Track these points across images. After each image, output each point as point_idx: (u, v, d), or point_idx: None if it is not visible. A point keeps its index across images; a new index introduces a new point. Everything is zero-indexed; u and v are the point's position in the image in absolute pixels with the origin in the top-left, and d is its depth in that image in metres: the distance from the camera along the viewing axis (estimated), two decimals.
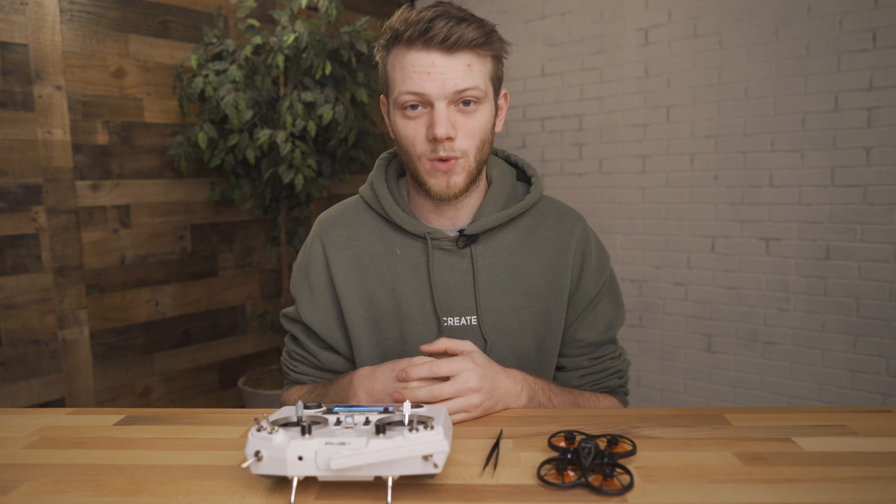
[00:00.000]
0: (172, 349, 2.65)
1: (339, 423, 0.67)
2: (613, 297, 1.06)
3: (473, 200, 0.99)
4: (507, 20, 3.14)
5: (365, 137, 2.73)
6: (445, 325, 0.97)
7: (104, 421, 0.87)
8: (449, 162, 0.90)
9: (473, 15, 0.88)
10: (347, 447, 0.60)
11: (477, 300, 0.97)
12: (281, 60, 2.34)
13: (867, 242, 2.28)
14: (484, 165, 0.95)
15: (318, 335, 1.02)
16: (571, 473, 0.65)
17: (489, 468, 0.68)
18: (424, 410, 0.70)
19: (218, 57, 2.46)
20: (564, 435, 0.74)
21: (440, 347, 0.86)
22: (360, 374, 0.91)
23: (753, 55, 2.46)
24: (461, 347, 0.86)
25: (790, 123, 2.41)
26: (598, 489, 0.62)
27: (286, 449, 0.60)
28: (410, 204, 1.02)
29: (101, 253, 2.40)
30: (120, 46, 2.40)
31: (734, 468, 0.67)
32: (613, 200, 2.89)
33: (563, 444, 0.73)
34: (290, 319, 1.06)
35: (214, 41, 2.47)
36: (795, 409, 0.85)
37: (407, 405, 0.65)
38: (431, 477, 0.66)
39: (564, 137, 3.02)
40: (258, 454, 0.61)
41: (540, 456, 0.71)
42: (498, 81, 0.94)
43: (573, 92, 2.97)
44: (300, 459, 0.60)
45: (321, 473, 0.61)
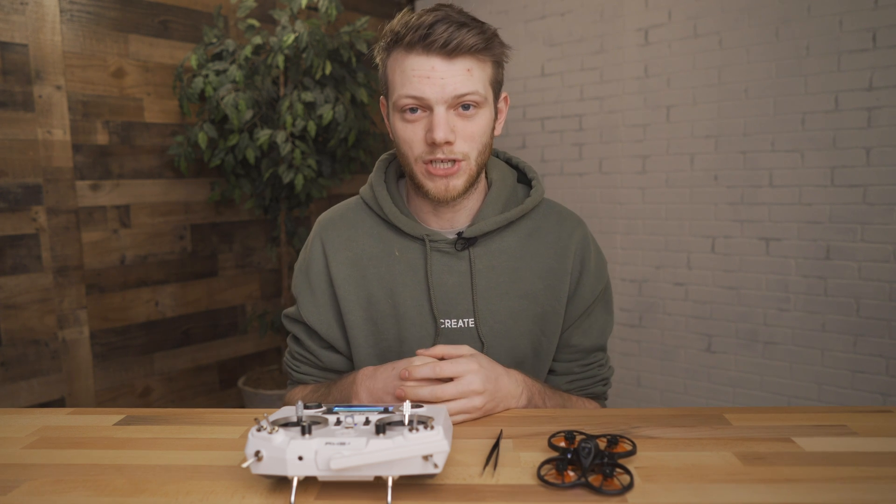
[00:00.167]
0: (172, 349, 2.65)
1: (339, 423, 0.67)
2: (606, 304, 1.07)
3: (472, 203, 0.99)
4: (507, 20, 3.14)
5: (365, 137, 2.73)
6: (443, 327, 0.97)
7: (104, 421, 0.87)
8: (450, 166, 0.90)
9: (475, 19, 0.88)
10: (347, 447, 0.60)
11: (474, 303, 0.97)
12: (281, 60, 2.34)
13: (867, 242, 2.28)
14: (483, 168, 0.96)
15: (319, 335, 1.03)
16: (571, 473, 0.65)
17: (489, 468, 0.68)
18: (424, 410, 0.70)
19: (218, 57, 2.46)
20: (564, 435, 0.74)
21: (437, 353, 0.86)
22: (362, 373, 0.92)
23: (753, 55, 2.46)
24: (459, 353, 0.86)
25: (790, 123, 2.40)
26: (598, 489, 0.62)
27: (286, 449, 0.60)
28: (409, 206, 1.02)
29: (101, 253, 2.40)
30: (120, 46, 2.40)
31: (734, 468, 0.67)
32: (613, 200, 2.89)
33: (563, 444, 0.73)
34: (291, 320, 1.06)
35: (214, 41, 2.47)
36: (795, 409, 0.85)
37: (407, 405, 0.65)
38: (431, 477, 0.66)
39: (564, 137, 3.02)
40: (258, 454, 0.61)
41: (540, 456, 0.71)
42: (498, 86, 0.94)
43: (573, 92, 2.97)
44: (300, 459, 0.60)
45: (321, 473, 0.61)
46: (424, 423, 0.63)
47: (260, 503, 0.62)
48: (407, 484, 0.65)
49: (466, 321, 0.97)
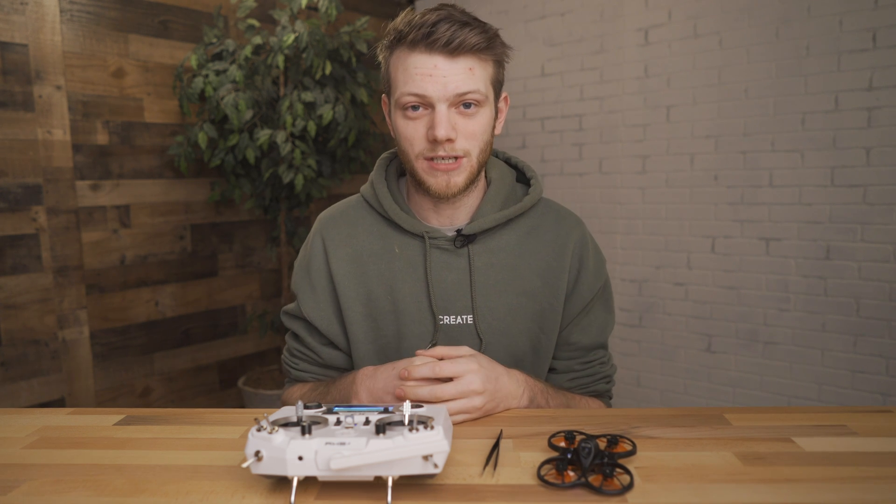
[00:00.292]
0: (172, 349, 2.65)
1: (339, 423, 0.67)
2: (606, 302, 1.07)
3: (472, 201, 1.00)
4: (507, 20, 3.14)
5: (365, 137, 2.73)
6: (442, 323, 0.97)
7: (104, 421, 0.87)
8: (451, 162, 0.91)
9: (476, 19, 0.89)
10: (347, 447, 0.60)
11: (473, 299, 0.97)
12: (281, 60, 2.34)
13: (867, 242, 2.28)
14: (483, 167, 0.97)
15: (319, 331, 1.03)
16: (571, 473, 0.65)
17: (489, 468, 0.68)
18: (424, 410, 0.70)
19: (218, 57, 2.46)
20: (564, 435, 0.74)
21: (437, 354, 0.86)
22: (362, 373, 0.92)
23: (753, 55, 2.46)
24: (459, 353, 0.86)
25: (790, 123, 2.40)
26: (598, 489, 0.62)
27: (286, 449, 0.60)
28: (410, 203, 1.03)
29: (101, 253, 2.40)
30: (120, 46, 2.40)
31: (734, 468, 0.67)
32: (613, 200, 2.89)
33: (563, 444, 0.73)
34: (291, 316, 1.06)
35: (214, 41, 2.47)
36: (795, 409, 0.85)
37: (407, 405, 0.65)
38: (431, 477, 0.66)
39: (564, 137, 3.02)
40: (258, 454, 0.61)
41: (540, 456, 0.71)
42: (499, 85, 0.95)
43: (573, 92, 2.97)
44: (300, 459, 0.60)
45: (321, 473, 0.61)
46: (424, 423, 0.63)
47: (260, 503, 0.62)
48: (407, 484, 0.65)
49: (465, 318, 0.98)
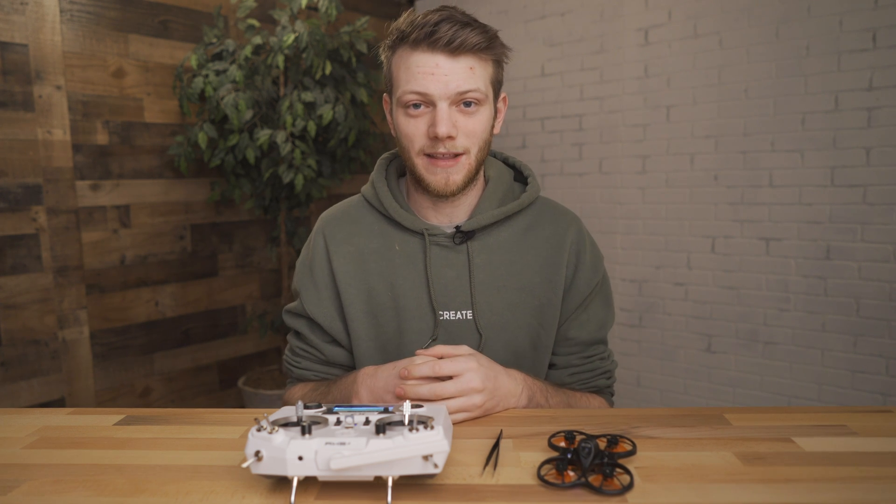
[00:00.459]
0: (172, 349, 2.65)
1: (339, 423, 0.67)
2: (605, 298, 1.08)
3: (471, 199, 1.02)
4: (507, 20, 3.14)
5: (365, 137, 2.73)
6: (442, 319, 0.99)
7: (104, 421, 0.87)
8: (449, 160, 0.93)
9: (477, 20, 0.92)
10: (347, 447, 0.60)
11: (472, 295, 0.98)
12: (281, 60, 2.34)
13: (867, 242, 2.28)
14: (482, 165, 0.99)
15: (322, 328, 1.04)
16: (571, 473, 0.65)
17: (489, 468, 0.68)
18: (424, 410, 0.70)
19: (218, 57, 2.46)
20: (564, 435, 0.74)
21: (437, 353, 0.87)
22: (363, 372, 0.92)
23: (753, 55, 2.46)
24: (458, 352, 0.87)
25: (790, 123, 2.40)
26: (598, 489, 0.62)
27: (286, 449, 0.60)
28: (409, 202, 1.04)
29: (101, 253, 2.40)
30: (120, 46, 2.40)
31: (734, 468, 0.67)
32: (613, 200, 2.89)
33: (563, 444, 0.73)
34: (293, 315, 1.07)
35: (214, 41, 2.46)
36: (795, 409, 0.85)
37: (407, 405, 0.65)
38: (431, 477, 0.65)
39: (564, 137, 3.02)
40: (258, 454, 0.61)
41: (540, 456, 0.71)
42: (498, 85, 0.97)
43: (573, 92, 2.97)
44: (300, 459, 0.60)
45: (321, 473, 0.61)
46: (424, 423, 0.63)
47: (260, 503, 0.63)
48: (407, 484, 0.65)
49: (465, 313, 0.99)
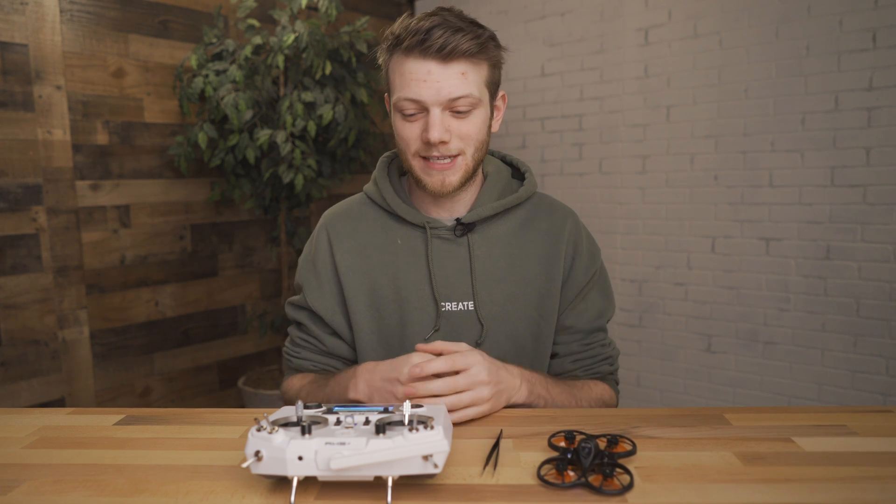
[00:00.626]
0: (172, 349, 2.65)
1: (339, 423, 0.67)
2: (603, 289, 1.10)
3: (470, 194, 1.04)
4: (507, 20, 3.14)
5: (365, 137, 2.73)
6: (444, 310, 1.01)
7: (104, 421, 0.87)
8: (446, 162, 0.95)
9: (472, 24, 0.93)
10: (347, 447, 0.60)
11: (473, 286, 1.01)
12: (281, 60, 2.34)
13: (867, 242, 2.28)
14: (480, 164, 1.01)
15: (324, 321, 1.06)
16: (571, 473, 0.65)
17: (489, 468, 0.68)
18: (424, 410, 0.70)
19: (218, 57, 2.46)
20: (564, 435, 0.74)
21: (436, 349, 0.87)
22: (363, 367, 0.93)
23: (753, 55, 2.46)
24: (457, 348, 0.87)
25: (790, 123, 2.40)
26: (598, 489, 0.62)
27: (286, 449, 0.60)
28: (411, 198, 1.07)
29: (101, 253, 2.40)
30: (120, 46, 2.40)
31: (734, 468, 0.67)
32: (613, 200, 2.89)
33: (563, 444, 0.73)
34: (295, 307, 1.10)
35: (214, 41, 2.46)
36: (795, 409, 0.85)
37: (407, 405, 0.65)
38: (431, 477, 0.66)
39: (564, 137, 3.02)
40: (258, 454, 0.61)
41: (540, 456, 0.71)
42: (494, 86, 0.99)
43: (573, 92, 2.97)
44: (300, 459, 0.60)
45: (321, 473, 0.61)
46: (424, 423, 0.63)
47: (260, 503, 0.63)
48: (407, 484, 0.65)
49: (466, 304, 1.01)
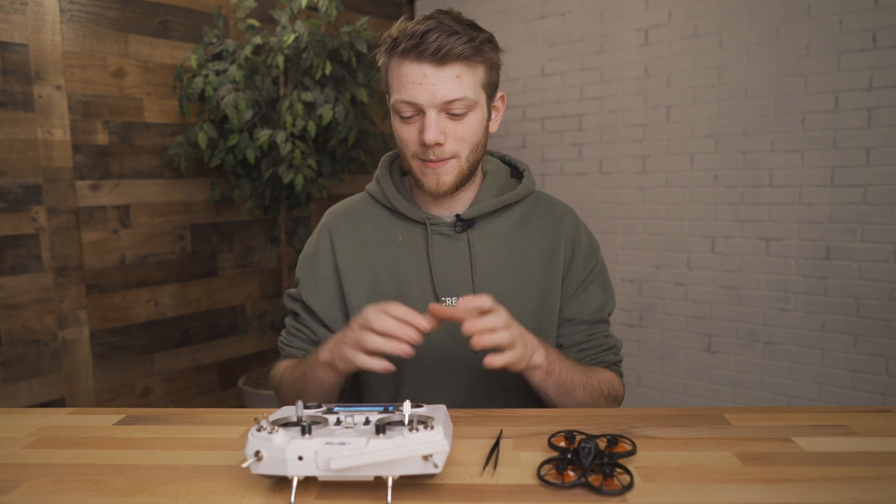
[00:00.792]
0: (172, 349, 2.65)
1: (339, 423, 0.67)
2: (603, 283, 1.10)
3: (470, 192, 1.06)
4: (507, 20, 3.14)
5: (365, 137, 2.73)
6: (444, 304, 1.01)
7: (104, 421, 0.87)
8: (438, 162, 0.96)
9: (468, 26, 0.93)
10: (347, 447, 0.60)
11: (474, 281, 1.02)
12: (281, 60, 2.34)
13: (867, 242, 2.28)
14: (478, 165, 1.03)
15: (316, 315, 1.07)
16: (571, 473, 0.65)
17: (489, 468, 0.68)
18: (424, 410, 0.70)
19: (218, 57, 2.46)
20: (564, 435, 0.74)
21: (453, 309, 0.81)
22: (330, 337, 0.94)
23: (753, 55, 2.46)
24: (478, 302, 0.82)
25: (790, 123, 2.40)
26: (598, 489, 0.62)
27: (286, 449, 0.60)
28: (413, 196, 1.09)
29: (101, 253, 2.40)
30: (120, 46, 2.40)
31: (734, 468, 0.67)
32: (613, 200, 2.89)
33: (563, 444, 0.73)
34: (292, 298, 1.12)
35: (214, 41, 2.46)
36: (795, 409, 0.85)
37: (407, 405, 0.65)
38: (431, 477, 0.66)
39: (564, 137, 3.02)
40: (258, 454, 0.61)
41: (540, 456, 0.71)
42: (491, 88, 0.99)
43: (573, 92, 2.97)
44: (300, 459, 0.60)
45: (321, 473, 0.61)
46: (424, 422, 0.63)
47: (260, 503, 0.63)
48: (407, 484, 0.65)
49: None
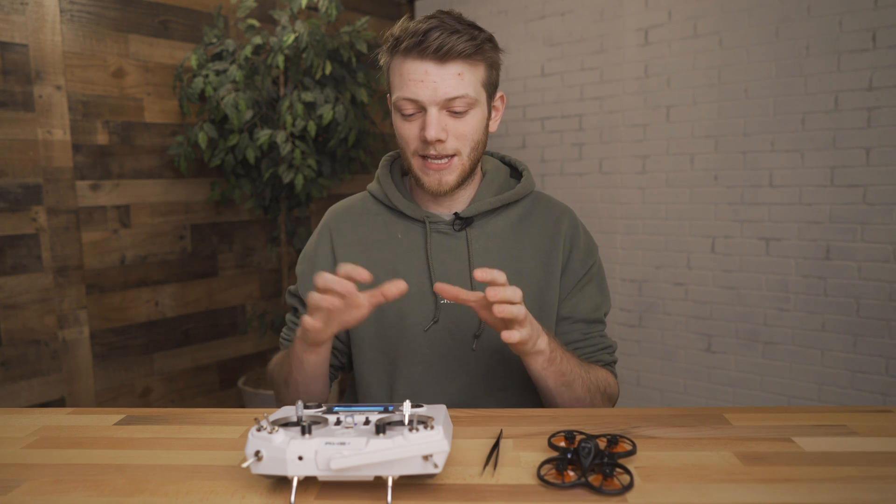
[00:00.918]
0: (172, 349, 2.65)
1: (339, 422, 0.67)
2: (600, 284, 1.11)
3: (469, 191, 1.06)
4: (507, 20, 3.14)
5: (365, 137, 2.73)
6: (443, 303, 1.03)
7: (104, 421, 0.87)
8: (443, 162, 0.97)
9: (469, 26, 0.94)
10: (347, 447, 0.60)
11: (472, 280, 1.02)
12: (281, 60, 2.34)
13: (867, 242, 2.28)
14: (478, 163, 1.04)
15: None
16: (571, 473, 0.65)
17: (489, 468, 0.68)
18: (424, 410, 0.70)
19: (218, 57, 2.46)
20: (564, 435, 0.74)
21: (455, 291, 0.83)
22: None
23: (753, 55, 2.46)
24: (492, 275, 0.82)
25: (790, 123, 2.40)
26: (598, 489, 0.62)
27: (286, 449, 0.60)
28: (413, 195, 1.10)
29: (101, 253, 2.40)
30: (120, 46, 2.40)
31: (734, 468, 0.67)
32: (613, 200, 2.89)
33: (563, 443, 0.73)
34: (291, 294, 1.13)
35: (214, 41, 2.46)
36: (795, 409, 0.85)
37: (407, 405, 0.65)
38: (431, 477, 0.66)
39: (564, 137, 3.02)
40: (258, 454, 0.61)
41: (540, 456, 0.71)
42: (491, 87, 1.01)
43: (573, 92, 2.97)
44: (300, 459, 0.60)
45: (321, 473, 0.61)
46: (424, 422, 0.63)
47: (260, 503, 0.63)
48: (407, 484, 0.65)
49: None
